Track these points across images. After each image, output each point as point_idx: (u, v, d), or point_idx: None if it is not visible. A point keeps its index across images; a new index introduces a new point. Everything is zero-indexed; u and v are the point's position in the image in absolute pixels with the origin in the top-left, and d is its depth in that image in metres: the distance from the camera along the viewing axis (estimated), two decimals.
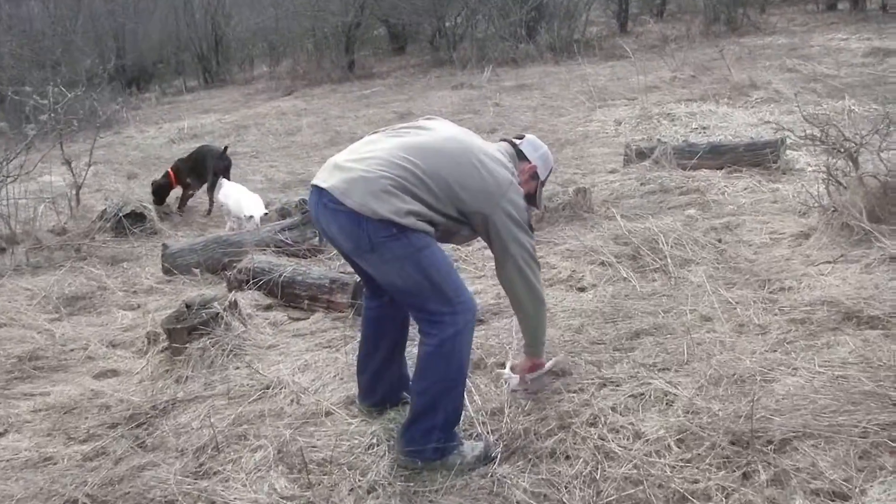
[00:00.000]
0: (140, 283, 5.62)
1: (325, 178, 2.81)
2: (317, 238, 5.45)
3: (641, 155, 6.66)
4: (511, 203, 2.87)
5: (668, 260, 4.64)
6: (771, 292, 4.20)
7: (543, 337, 3.25)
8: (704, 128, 7.88)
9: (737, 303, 4.06)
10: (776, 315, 3.89)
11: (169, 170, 7.37)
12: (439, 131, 2.94)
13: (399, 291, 2.88)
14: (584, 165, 7.28)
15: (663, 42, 14.28)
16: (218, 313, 4.24)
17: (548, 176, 3.21)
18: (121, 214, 6.76)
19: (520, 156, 3.10)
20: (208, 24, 22.33)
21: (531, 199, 3.10)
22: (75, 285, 5.66)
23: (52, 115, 7.20)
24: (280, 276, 4.77)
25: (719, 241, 4.97)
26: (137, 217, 6.85)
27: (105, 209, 7.04)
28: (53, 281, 5.74)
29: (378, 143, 2.86)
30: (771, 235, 5.04)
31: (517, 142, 3.14)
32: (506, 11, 17.06)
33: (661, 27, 17.36)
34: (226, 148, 7.70)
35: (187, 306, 4.36)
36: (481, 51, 16.23)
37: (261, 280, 4.84)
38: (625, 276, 4.55)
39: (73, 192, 7.59)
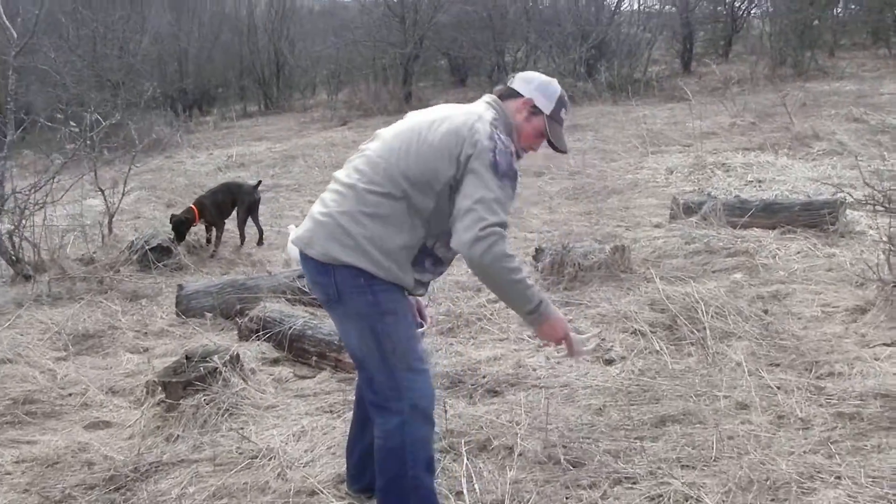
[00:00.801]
0: (153, 323, 5.43)
1: (298, 229, 2.72)
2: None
3: (689, 210, 6.26)
4: (480, 143, 2.46)
5: (707, 332, 4.25)
6: (818, 377, 3.79)
7: (529, 301, 2.50)
8: (760, 181, 7.44)
9: (778, 388, 3.66)
10: (821, 406, 3.49)
11: (192, 205, 7.10)
12: (386, 133, 2.69)
13: (354, 357, 2.71)
14: (629, 218, 6.90)
15: (725, 84, 13.81)
16: (216, 368, 4.00)
17: (561, 110, 2.69)
18: (147, 248, 6.60)
19: (511, 95, 2.68)
20: (271, 50, 22.54)
21: (546, 140, 2.69)
22: (89, 322, 5.52)
23: (88, 141, 7.11)
24: (290, 328, 4.51)
25: (765, 312, 4.56)
26: (164, 251, 6.68)
27: (133, 241, 6.90)
28: (70, 315, 5.61)
29: (337, 179, 2.68)
30: (823, 308, 4.62)
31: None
32: (566, 48, 16.78)
33: (725, 68, 16.88)
34: (258, 183, 7.51)
35: (187, 358, 4.14)
36: None
37: (271, 331, 4.59)
38: (658, 348, 4.17)
39: (106, 220, 7.48)
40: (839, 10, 19.53)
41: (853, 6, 19.26)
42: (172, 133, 15.54)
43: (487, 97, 2.70)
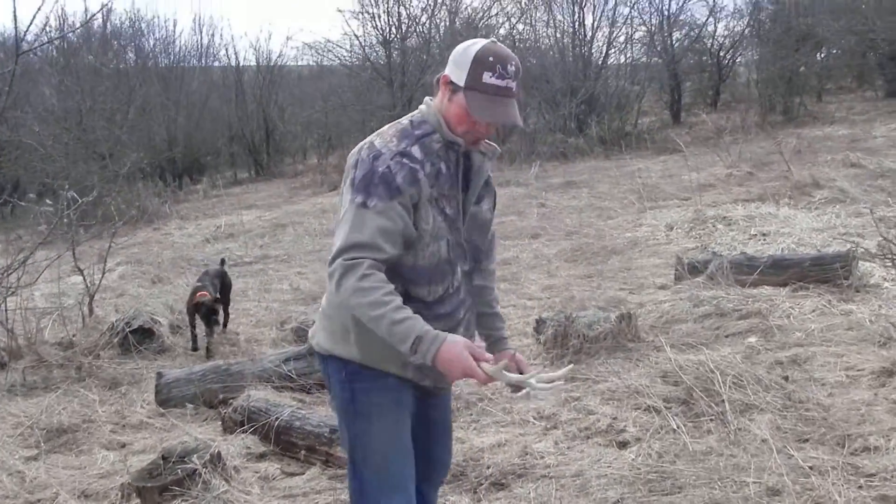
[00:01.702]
0: (132, 414, 5.07)
1: None
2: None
3: (695, 269, 5.98)
4: (348, 164, 2.22)
5: (727, 405, 3.93)
6: (853, 453, 3.47)
7: (402, 340, 2.09)
8: (764, 234, 7.19)
9: (811, 469, 3.34)
10: (861, 489, 3.16)
11: (203, 291, 6.58)
12: None
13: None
14: (632, 280, 6.62)
15: (718, 134, 13.69)
16: (195, 470, 3.65)
17: (483, 74, 2.12)
18: (128, 330, 6.27)
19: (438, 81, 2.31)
20: (260, 116, 22.50)
21: (469, 119, 2.18)
22: (64, 414, 5.15)
23: (65, 219, 6.84)
24: (276, 419, 4.17)
25: (786, 379, 4.25)
26: (145, 332, 6.35)
27: (114, 322, 6.58)
28: (44, 407, 5.25)
29: None
30: (847, 372, 4.31)
31: None
32: (556, 104, 16.71)
33: (716, 117, 16.82)
34: (222, 261, 7.14)
35: (164, 458, 3.80)
36: (530, 144, 15.80)
37: (256, 423, 4.25)
38: (675, 426, 3.84)
39: (87, 300, 7.16)
40: (822, 55, 19.63)
41: (835, 50, 19.35)
42: (160, 204, 15.32)
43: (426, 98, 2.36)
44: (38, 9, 8.86)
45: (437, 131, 2.20)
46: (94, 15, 18.21)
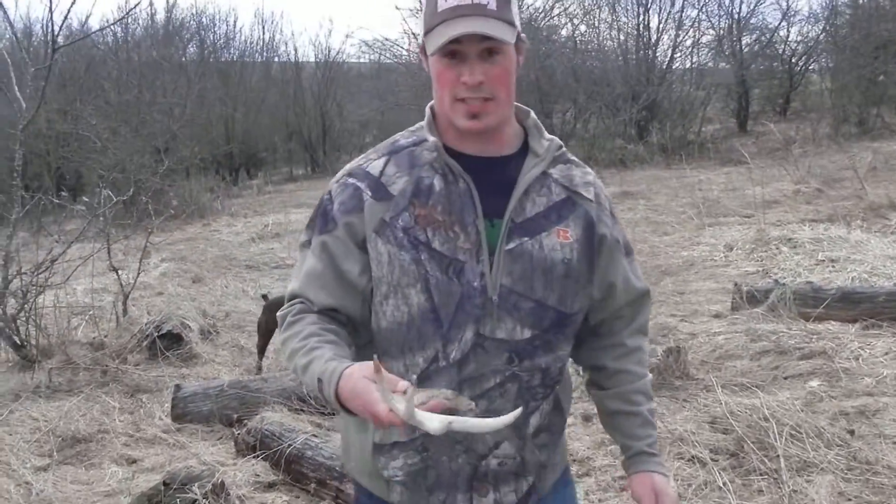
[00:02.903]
0: (147, 428, 4.87)
1: None
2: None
3: (753, 298, 5.53)
4: None
5: (782, 462, 3.52)
6: None
7: (310, 383, 1.49)
8: (833, 261, 6.67)
9: None
10: None
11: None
12: None
13: None
14: (685, 305, 6.18)
15: (786, 146, 13.06)
16: (196, 501, 3.40)
17: (434, 2, 1.52)
18: (156, 335, 6.10)
19: None
20: (318, 113, 22.47)
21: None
22: (82, 422, 5.03)
23: (101, 217, 6.72)
24: (289, 446, 3.90)
25: (851, 433, 3.81)
26: (174, 338, 6.17)
27: (144, 325, 6.43)
28: (65, 412, 5.15)
29: None
30: None
31: None
32: (616, 109, 16.22)
33: (785, 127, 16.12)
34: (264, 296, 6.33)
35: (165, 484, 3.56)
36: (589, 150, 15.34)
37: (268, 449, 3.98)
38: (721, 483, 3.45)
39: (121, 301, 7.03)
40: None
41: None
42: (212, 199, 15.31)
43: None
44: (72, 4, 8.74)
45: (431, 134, 1.58)
46: (133, 9, 18.18)
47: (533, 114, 1.65)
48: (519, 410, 1.36)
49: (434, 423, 1.29)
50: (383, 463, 1.63)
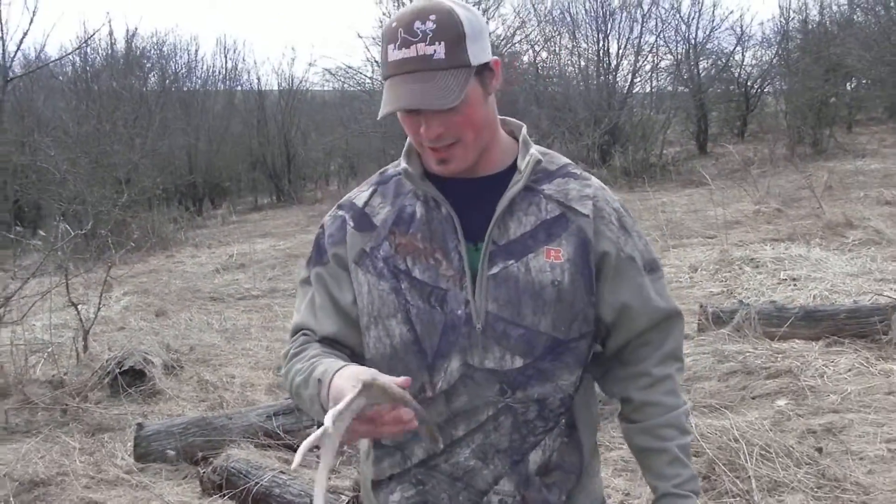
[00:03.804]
0: (109, 469, 4.74)
1: None
2: (315, 426, 4.49)
3: (719, 319, 5.57)
4: None
5: (753, 483, 3.52)
6: None
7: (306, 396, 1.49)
8: (794, 279, 6.75)
9: None
10: None
11: None
12: None
13: None
14: None
15: (745, 167, 13.26)
16: None
17: (386, 49, 1.43)
18: (118, 371, 5.97)
19: None
20: (282, 141, 22.40)
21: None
22: (41, 465, 4.86)
23: (59, 252, 6.60)
24: (256, 484, 3.82)
25: (819, 451, 3.83)
26: (136, 374, 6.04)
27: (106, 361, 6.29)
28: (22, 454, 4.98)
29: None
30: (888, 445, 3.88)
31: None
32: (579, 133, 16.38)
33: (743, 148, 16.40)
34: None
35: None
36: None
37: (235, 487, 3.90)
38: None
39: (81, 336, 6.89)
40: (852, 85, 19.23)
41: (865, 81, 18.94)
42: (175, 230, 15.15)
43: None
44: (24, 36, 8.65)
45: (407, 161, 1.54)
46: (91, 37, 18.03)
47: (524, 129, 1.58)
48: (342, 405, 1.21)
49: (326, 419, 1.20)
50: (383, 499, 1.58)
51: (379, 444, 1.57)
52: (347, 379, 1.31)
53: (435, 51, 1.38)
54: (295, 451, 4.37)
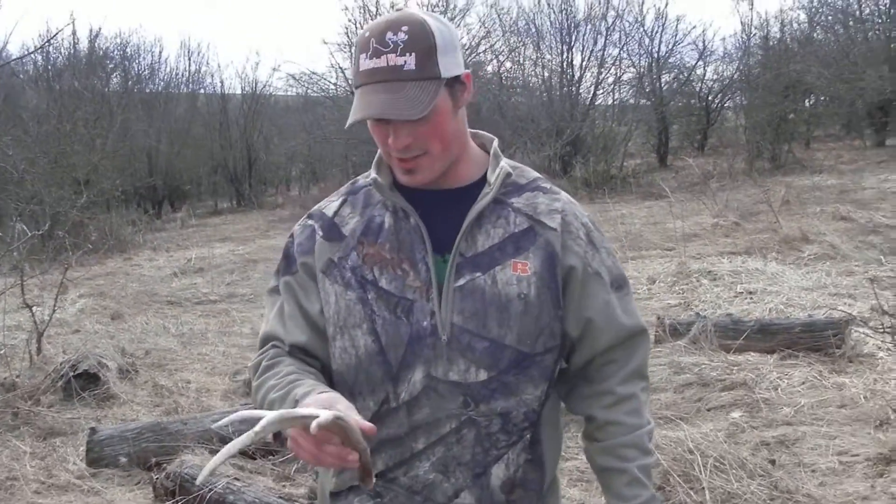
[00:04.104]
0: (60, 474, 4.65)
1: None
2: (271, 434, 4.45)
3: (676, 332, 5.63)
4: None
5: (707, 495, 3.56)
6: None
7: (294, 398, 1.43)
8: (751, 292, 6.85)
9: None
10: None
11: None
12: None
13: None
14: None
15: (704, 180, 13.44)
16: None
17: (358, 58, 1.44)
18: (71, 375, 5.86)
19: None
20: (243, 145, 22.22)
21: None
22: None
23: (14, 252, 6.48)
24: (210, 490, 3.77)
25: (772, 463, 3.88)
26: (90, 378, 5.94)
27: (60, 364, 6.18)
28: None
29: None
30: (840, 458, 3.94)
31: None
32: (541, 144, 16.47)
33: (703, 162, 16.62)
34: None
35: None
36: None
37: (188, 494, 3.85)
38: None
39: (35, 339, 6.76)
40: (811, 102, 19.61)
41: (824, 98, 19.32)
42: (134, 233, 14.94)
43: None
44: None
45: (377, 171, 1.55)
46: (54, 36, 17.76)
47: (496, 143, 1.59)
48: (257, 428, 1.18)
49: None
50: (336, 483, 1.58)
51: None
52: (325, 400, 1.30)
53: (405, 62, 1.39)
54: (250, 457, 4.34)
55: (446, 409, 1.48)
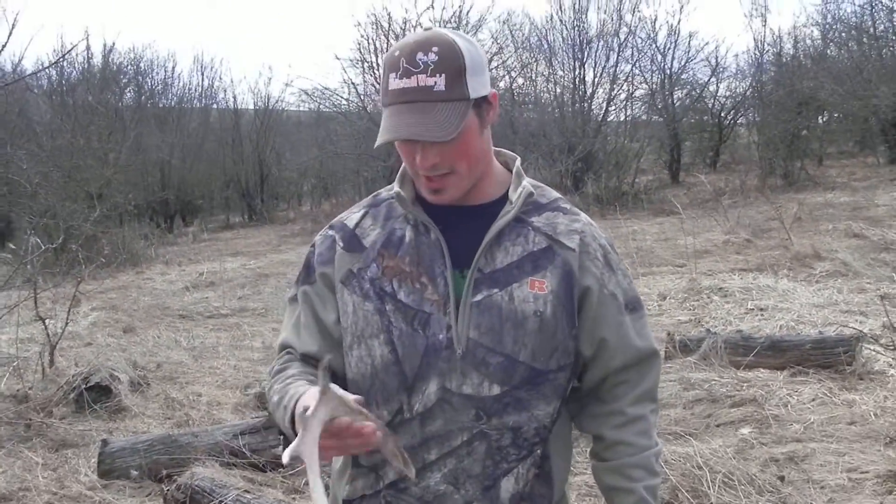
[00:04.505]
0: (71, 485, 4.68)
1: None
2: (280, 447, 4.48)
3: (686, 348, 5.62)
4: None
5: None
6: None
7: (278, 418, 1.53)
8: (762, 309, 6.84)
9: None
10: None
11: None
12: None
13: None
14: None
15: (716, 197, 13.43)
16: None
17: (388, 77, 1.46)
18: (83, 387, 5.91)
19: None
20: (256, 160, 22.36)
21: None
22: (3, 479, 4.81)
23: (28, 265, 6.54)
24: (220, 502, 3.79)
25: (781, 479, 3.87)
26: (102, 390, 5.98)
27: (72, 376, 6.22)
28: None
29: None
30: (850, 475, 3.92)
31: None
32: (553, 160, 16.51)
33: (715, 178, 16.61)
34: None
35: None
36: None
37: None
38: None
39: (47, 351, 6.81)
40: (824, 118, 19.57)
41: (837, 115, 19.29)
42: (146, 247, 15.04)
43: None
44: (2, 49, 8.63)
45: (401, 185, 1.58)
46: (68, 52, 17.92)
47: (518, 161, 1.61)
48: (310, 411, 1.26)
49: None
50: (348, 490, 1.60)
51: (357, 463, 1.59)
52: (310, 395, 1.34)
53: (436, 83, 1.41)
54: (261, 469, 4.37)
55: (459, 421, 1.50)
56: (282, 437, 4.62)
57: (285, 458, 1.23)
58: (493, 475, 1.51)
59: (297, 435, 1.28)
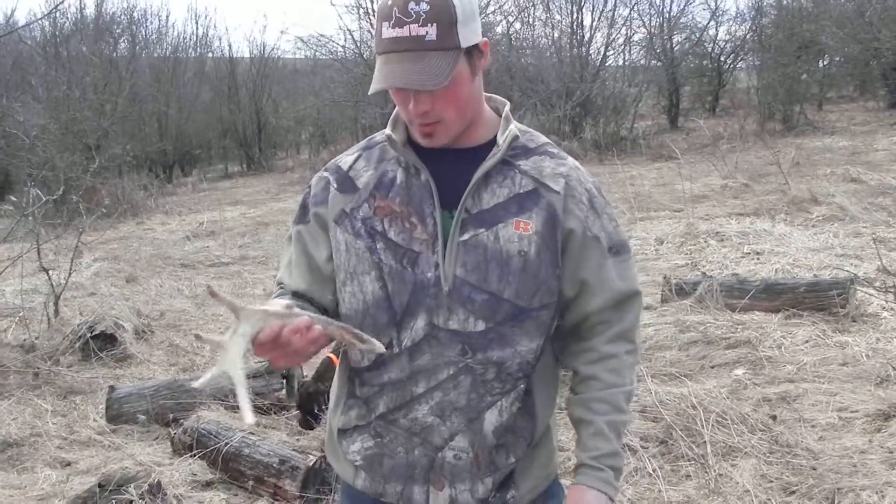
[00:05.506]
0: (81, 430, 4.79)
1: None
2: (283, 390, 4.58)
3: (682, 291, 5.70)
4: None
5: (708, 448, 3.65)
6: None
7: None
8: (758, 253, 6.90)
9: None
10: None
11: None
12: None
13: None
14: None
15: (714, 142, 13.41)
16: (132, 502, 3.38)
17: (380, 26, 1.50)
18: (89, 336, 6.00)
19: None
20: (252, 109, 22.23)
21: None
22: (14, 426, 4.91)
23: (30, 217, 6.58)
24: (226, 444, 3.89)
25: (773, 418, 3.97)
26: (108, 338, 6.08)
27: (77, 326, 6.31)
28: None
29: None
30: (840, 414, 4.03)
31: None
32: (550, 105, 16.42)
33: (714, 123, 16.54)
34: None
35: (100, 486, 3.53)
36: None
37: (205, 448, 3.97)
38: (651, 469, 3.57)
39: (52, 301, 6.89)
40: (824, 62, 19.41)
41: (838, 59, 19.12)
42: (146, 197, 15.06)
43: None
44: None
45: (393, 129, 1.62)
46: (61, 3, 17.70)
47: (508, 106, 1.65)
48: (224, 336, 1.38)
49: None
50: (345, 446, 1.68)
51: (352, 394, 1.66)
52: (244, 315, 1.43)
53: (427, 32, 1.45)
54: (265, 412, 4.47)
55: (445, 355, 1.56)
56: (284, 380, 4.72)
57: (197, 384, 1.42)
58: (477, 408, 1.58)
59: None
